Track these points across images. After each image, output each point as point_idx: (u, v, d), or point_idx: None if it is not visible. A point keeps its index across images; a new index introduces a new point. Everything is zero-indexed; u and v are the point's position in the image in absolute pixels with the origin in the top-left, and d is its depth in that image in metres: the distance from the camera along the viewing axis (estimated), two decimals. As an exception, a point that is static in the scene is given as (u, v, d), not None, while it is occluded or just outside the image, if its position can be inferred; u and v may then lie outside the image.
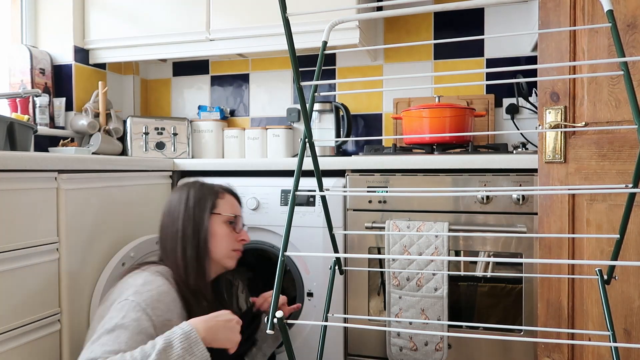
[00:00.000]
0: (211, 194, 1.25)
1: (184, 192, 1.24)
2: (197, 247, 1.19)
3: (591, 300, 1.23)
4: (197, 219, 1.20)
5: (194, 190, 1.24)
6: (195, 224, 1.20)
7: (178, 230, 1.19)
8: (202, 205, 1.22)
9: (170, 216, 1.22)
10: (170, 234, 1.20)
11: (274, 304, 0.69)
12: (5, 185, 1.07)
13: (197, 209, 1.22)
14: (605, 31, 1.20)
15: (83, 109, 2.01)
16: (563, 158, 1.26)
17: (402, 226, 1.41)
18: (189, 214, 1.20)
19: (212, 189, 1.27)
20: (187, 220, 1.20)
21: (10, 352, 1.08)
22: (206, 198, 1.24)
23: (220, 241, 1.23)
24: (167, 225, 1.21)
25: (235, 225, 1.27)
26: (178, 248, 1.18)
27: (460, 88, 1.98)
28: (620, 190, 0.57)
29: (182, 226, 1.19)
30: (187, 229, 1.19)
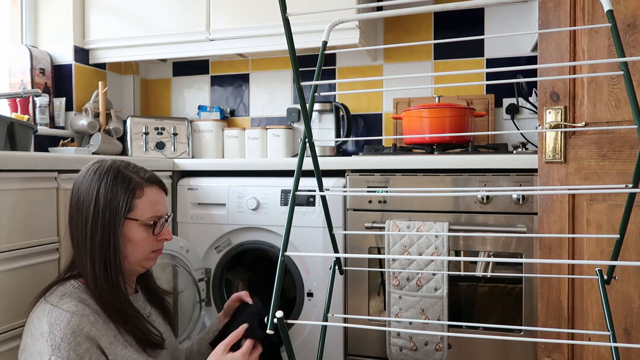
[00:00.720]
0: (126, 193, 1.03)
1: (95, 183, 1.03)
2: (106, 261, 1.00)
3: (591, 300, 1.23)
4: (107, 227, 1.01)
5: (105, 183, 1.02)
6: (104, 234, 1.00)
7: (86, 236, 1.01)
8: (113, 208, 1.01)
9: (78, 213, 1.03)
10: (77, 238, 1.03)
11: (274, 304, 0.69)
12: (5, 185, 1.07)
13: (108, 213, 1.01)
14: (605, 31, 1.20)
15: (83, 109, 2.01)
16: (563, 158, 1.26)
17: (402, 226, 1.41)
18: (96, 218, 1.00)
19: (129, 185, 1.04)
20: (94, 227, 1.00)
21: (10, 352, 1.08)
22: (119, 198, 1.02)
23: (136, 247, 1.05)
24: (75, 224, 1.03)
25: (155, 227, 1.07)
26: (86, 258, 1.01)
27: (460, 88, 1.98)
28: (620, 190, 0.58)
29: (90, 232, 1.00)
30: (95, 238, 1.00)
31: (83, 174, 1.05)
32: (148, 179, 1.09)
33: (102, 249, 1.00)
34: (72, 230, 1.04)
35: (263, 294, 1.86)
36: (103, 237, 1.01)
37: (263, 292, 1.86)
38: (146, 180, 1.08)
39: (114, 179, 1.03)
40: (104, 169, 1.05)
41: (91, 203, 1.01)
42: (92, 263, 1.00)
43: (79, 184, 1.05)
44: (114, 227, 1.01)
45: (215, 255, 1.67)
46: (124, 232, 1.03)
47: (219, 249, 1.67)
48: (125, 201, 1.03)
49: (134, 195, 1.04)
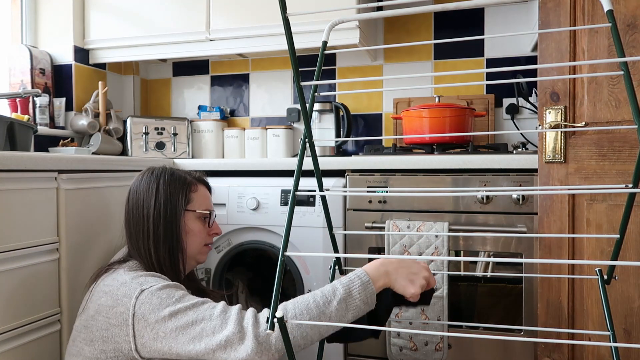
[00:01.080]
0: (184, 188, 1.16)
1: (153, 183, 1.14)
2: (171, 247, 1.12)
3: (591, 300, 1.23)
4: (170, 217, 1.12)
5: (164, 182, 1.14)
6: (168, 222, 1.12)
7: (149, 228, 1.11)
8: (174, 201, 1.13)
9: (138, 210, 1.13)
10: (140, 232, 1.12)
11: (273, 304, 0.69)
12: (5, 185, 1.07)
13: (170, 205, 1.12)
14: (605, 31, 1.20)
15: (83, 109, 2.01)
16: (563, 158, 1.26)
17: (402, 226, 1.41)
18: (159, 210, 1.11)
19: (185, 181, 1.17)
20: (158, 218, 1.11)
21: (10, 352, 1.08)
22: (178, 192, 1.14)
23: (193, 238, 1.17)
24: (136, 220, 1.13)
25: (209, 219, 1.21)
26: (150, 247, 1.10)
27: (460, 88, 1.97)
28: (620, 190, 0.57)
29: (154, 224, 1.11)
30: (159, 228, 1.11)
31: (139, 178, 1.17)
32: (198, 178, 1.22)
33: (167, 236, 1.11)
34: (133, 230, 1.13)
35: (263, 294, 1.86)
36: (166, 225, 1.12)
37: (263, 292, 1.86)
38: (197, 179, 1.22)
39: (171, 177, 1.16)
40: (159, 171, 1.17)
41: (151, 200, 1.12)
42: (157, 249, 1.11)
43: (136, 186, 1.16)
44: (176, 218, 1.13)
45: (215, 255, 1.67)
46: (183, 223, 1.14)
47: (219, 249, 1.67)
48: (184, 194, 1.15)
49: (190, 189, 1.17)
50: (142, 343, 0.93)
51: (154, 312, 0.93)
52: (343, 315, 0.90)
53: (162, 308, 0.94)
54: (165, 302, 0.94)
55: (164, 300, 0.95)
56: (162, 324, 0.93)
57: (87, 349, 0.98)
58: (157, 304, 0.94)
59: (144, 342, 0.93)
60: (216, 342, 0.89)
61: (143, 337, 0.93)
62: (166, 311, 0.93)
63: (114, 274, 1.04)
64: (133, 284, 0.98)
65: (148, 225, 1.11)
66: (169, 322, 0.92)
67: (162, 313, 0.93)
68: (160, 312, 0.93)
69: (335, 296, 0.90)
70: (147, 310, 0.94)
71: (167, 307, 0.93)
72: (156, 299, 0.95)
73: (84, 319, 1.01)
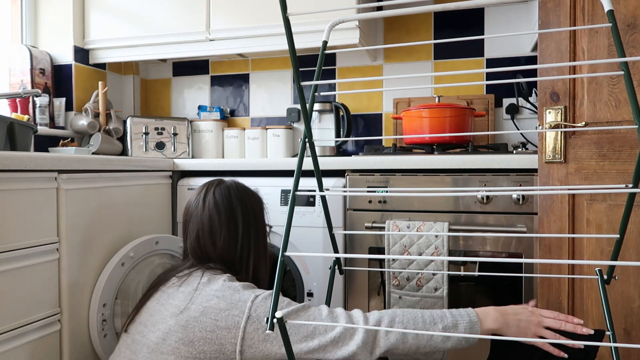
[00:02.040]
0: (261, 205, 1.26)
1: (237, 201, 1.20)
2: (257, 257, 1.22)
3: (591, 300, 1.23)
4: (262, 236, 1.23)
5: (247, 196, 1.22)
6: (259, 242, 1.22)
7: (246, 246, 1.19)
8: (261, 219, 1.24)
9: (227, 230, 1.18)
10: (235, 250, 1.19)
11: (273, 304, 0.69)
12: (5, 185, 1.07)
13: (262, 223, 1.24)
14: (605, 31, 1.20)
15: (83, 109, 2.01)
16: (563, 158, 1.26)
17: (402, 226, 1.41)
18: (250, 229, 1.20)
19: (260, 199, 1.27)
20: (249, 237, 1.20)
21: (10, 352, 1.08)
22: (262, 210, 1.25)
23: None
24: (225, 239, 1.18)
25: (269, 234, 1.32)
26: (237, 255, 1.19)
27: (460, 88, 1.98)
28: (620, 190, 0.57)
29: (254, 244, 1.21)
30: (259, 247, 1.21)
31: (211, 192, 1.21)
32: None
33: (264, 255, 1.23)
34: (216, 235, 1.18)
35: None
36: (258, 243, 1.22)
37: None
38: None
39: (249, 194, 1.24)
40: (232, 184, 1.22)
41: (239, 217, 1.19)
42: (246, 263, 1.20)
43: (210, 199, 1.20)
44: (264, 235, 1.24)
45: (215, 255, 1.67)
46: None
47: (219, 249, 1.67)
48: (264, 212, 1.26)
49: (261, 209, 1.26)
50: (250, 345, 0.99)
51: (268, 314, 1.00)
52: (444, 342, 0.97)
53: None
54: (278, 306, 1.01)
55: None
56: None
57: (183, 349, 1.01)
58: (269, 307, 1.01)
59: (251, 344, 0.98)
60: (329, 338, 0.96)
61: (252, 338, 0.99)
62: (278, 313, 0.98)
63: (219, 280, 1.09)
64: (246, 291, 1.05)
65: (242, 243, 1.19)
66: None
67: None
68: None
69: (442, 321, 0.98)
70: (262, 313, 1.00)
71: (280, 310, 1.00)
72: (269, 303, 1.02)
73: (184, 320, 1.03)
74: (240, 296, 1.03)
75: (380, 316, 0.99)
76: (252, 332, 0.99)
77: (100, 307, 1.31)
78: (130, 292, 1.41)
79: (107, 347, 1.33)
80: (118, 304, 1.36)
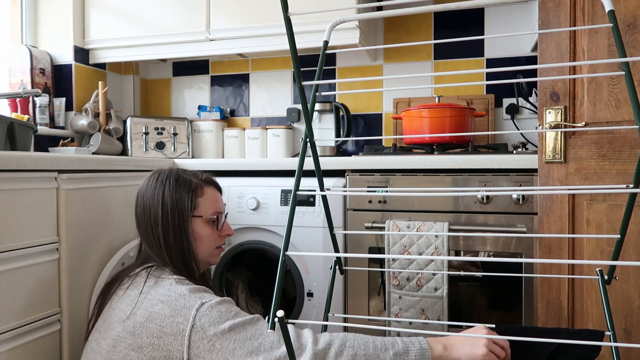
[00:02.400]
0: (189, 193, 1.15)
1: (159, 189, 1.14)
2: (182, 253, 1.13)
3: (591, 300, 1.23)
4: (178, 225, 1.13)
5: (169, 188, 1.14)
6: (176, 230, 1.13)
7: (159, 237, 1.12)
8: (180, 208, 1.13)
9: (146, 217, 1.14)
10: (152, 239, 1.14)
11: (274, 304, 0.69)
12: (5, 185, 1.07)
13: (176, 213, 1.13)
14: (606, 31, 1.20)
15: (83, 109, 2.01)
16: (563, 158, 1.26)
17: (402, 226, 1.41)
18: (167, 218, 1.12)
19: (190, 186, 1.16)
20: (167, 226, 1.12)
21: (10, 352, 1.08)
22: (184, 199, 1.14)
23: (202, 243, 1.17)
24: (146, 227, 1.14)
25: (218, 222, 1.21)
26: (164, 254, 1.13)
27: (460, 88, 1.98)
28: (620, 190, 0.58)
29: (163, 232, 1.12)
30: (168, 236, 1.12)
31: (145, 183, 1.17)
32: (205, 179, 1.21)
33: (177, 243, 1.13)
34: (143, 234, 1.16)
35: (263, 294, 1.86)
36: (175, 235, 1.12)
37: (263, 292, 1.86)
38: (204, 181, 1.20)
39: (176, 182, 1.15)
40: (165, 176, 1.16)
41: (158, 207, 1.13)
42: (170, 256, 1.12)
43: (143, 192, 1.16)
44: (184, 225, 1.13)
45: (215, 255, 1.67)
46: (191, 230, 1.15)
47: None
48: (190, 200, 1.15)
49: (196, 194, 1.16)
50: (197, 354, 0.96)
51: (214, 325, 0.96)
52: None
53: (222, 322, 0.97)
54: (225, 316, 0.98)
55: (223, 314, 0.98)
56: (220, 336, 0.96)
57: (134, 355, 0.99)
58: (216, 317, 0.97)
59: (198, 353, 0.96)
60: (275, 356, 0.93)
61: (198, 347, 0.95)
62: (226, 325, 0.97)
63: (165, 283, 1.05)
64: (192, 297, 1.01)
65: (158, 234, 1.12)
66: (228, 335, 0.96)
67: (222, 327, 0.96)
68: (220, 325, 0.96)
69: (393, 347, 0.96)
70: (206, 322, 0.96)
71: (227, 321, 0.97)
72: (216, 312, 0.98)
73: (131, 325, 1.00)
74: (186, 302, 0.99)
75: (331, 339, 0.96)
76: (197, 341, 0.95)
77: (100, 307, 1.31)
78: (130, 292, 1.40)
79: (107, 347, 1.33)
80: (118, 304, 1.36)
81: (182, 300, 1.00)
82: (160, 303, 1.01)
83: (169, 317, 0.98)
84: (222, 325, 0.96)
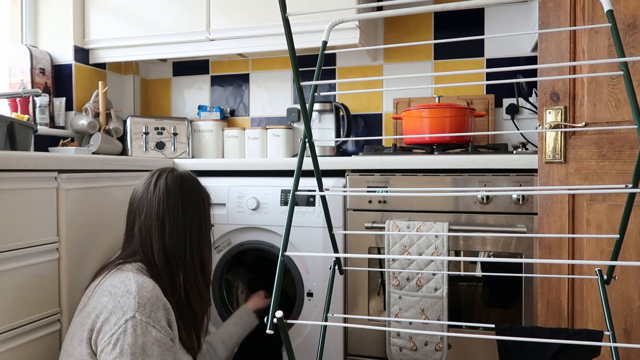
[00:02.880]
0: (209, 204, 1.21)
1: (189, 192, 1.15)
2: (204, 266, 1.17)
3: (591, 300, 1.23)
4: (204, 238, 1.18)
5: (201, 192, 1.18)
6: (200, 243, 1.17)
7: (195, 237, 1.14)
8: (209, 215, 1.20)
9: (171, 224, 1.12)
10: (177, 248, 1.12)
11: (274, 304, 0.69)
12: (5, 185, 1.07)
13: (208, 219, 1.18)
14: (605, 31, 1.20)
15: (83, 108, 2.01)
16: (563, 158, 1.26)
17: (402, 226, 1.41)
18: (192, 230, 1.14)
19: (207, 196, 1.21)
20: (192, 237, 1.14)
21: (10, 352, 1.08)
22: (210, 205, 1.20)
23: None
24: (170, 234, 1.12)
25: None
26: (195, 256, 1.14)
27: (460, 88, 1.97)
28: (620, 190, 0.58)
29: (202, 235, 1.16)
30: (194, 250, 1.14)
31: (152, 189, 1.13)
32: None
33: (208, 245, 1.18)
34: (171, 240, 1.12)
35: (263, 294, 1.86)
36: (200, 248, 1.15)
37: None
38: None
39: (201, 186, 1.19)
40: (188, 178, 1.17)
41: (188, 205, 1.14)
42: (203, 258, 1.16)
43: (164, 188, 1.13)
44: (209, 233, 1.19)
45: (215, 256, 1.67)
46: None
47: (219, 249, 1.67)
48: (209, 211, 1.20)
49: (210, 204, 1.21)
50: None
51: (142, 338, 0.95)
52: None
53: (126, 353, 0.94)
54: (139, 351, 0.94)
55: (140, 346, 0.95)
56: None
57: (77, 350, 0.98)
58: (130, 343, 0.94)
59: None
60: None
61: (134, 353, 0.94)
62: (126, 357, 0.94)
63: (121, 275, 1.03)
64: (135, 298, 0.98)
65: (180, 245, 1.12)
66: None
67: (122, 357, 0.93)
68: (122, 355, 0.93)
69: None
70: (139, 332, 0.95)
71: (130, 356, 0.93)
72: (149, 328, 0.96)
73: (82, 317, 1.01)
74: (126, 302, 0.97)
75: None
76: (127, 347, 0.94)
77: (100, 307, 1.30)
78: (130, 292, 1.40)
79: (107, 347, 1.33)
80: (118, 303, 1.36)
81: (125, 298, 0.98)
82: (109, 294, 0.99)
83: (109, 312, 0.97)
84: (123, 355, 0.93)
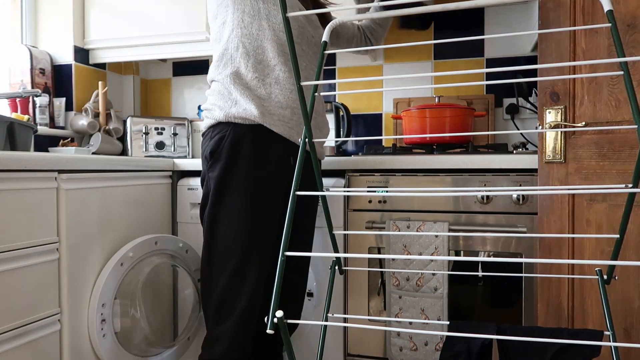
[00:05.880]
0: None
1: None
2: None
3: (591, 300, 1.23)
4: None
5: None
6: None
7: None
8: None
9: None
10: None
11: (273, 304, 0.69)
12: (5, 185, 1.07)
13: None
14: (605, 31, 1.20)
15: (83, 109, 2.01)
16: (563, 158, 1.26)
17: (402, 226, 1.41)
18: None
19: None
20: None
21: (10, 352, 1.08)
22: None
23: None
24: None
25: None
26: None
27: (460, 88, 1.97)
28: (620, 190, 0.58)
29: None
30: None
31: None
32: None
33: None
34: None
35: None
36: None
37: (263, 292, 1.86)
38: None
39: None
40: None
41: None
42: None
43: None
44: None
45: (215, 255, 1.67)
46: None
47: (219, 249, 1.66)
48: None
49: None
50: None
51: None
52: None
53: None
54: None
55: None
56: None
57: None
58: None
59: None
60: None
61: None
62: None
63: None
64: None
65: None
66: None
67: None
68: None
69: None
70: None
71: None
72: None
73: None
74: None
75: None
76: None
77: (100, 307, 1.31)
78: (130, 292, 1.41)
79: (107, 346, 1.33)
80: (117, 304, 1.36)
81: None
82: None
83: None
84: None
